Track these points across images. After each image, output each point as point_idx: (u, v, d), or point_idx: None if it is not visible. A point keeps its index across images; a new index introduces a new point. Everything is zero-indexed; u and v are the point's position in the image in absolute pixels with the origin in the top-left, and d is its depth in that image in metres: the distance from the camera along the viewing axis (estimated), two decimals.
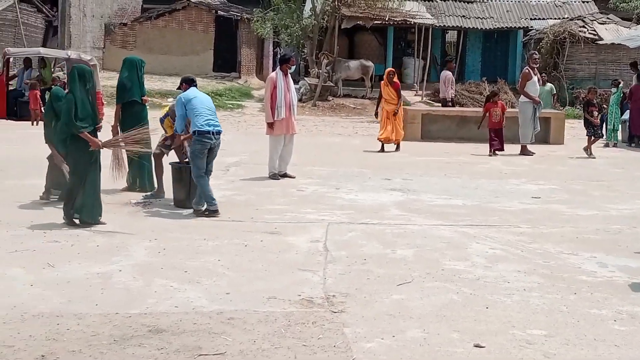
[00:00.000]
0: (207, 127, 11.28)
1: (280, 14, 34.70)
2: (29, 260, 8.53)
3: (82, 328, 6.57)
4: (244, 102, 32.47)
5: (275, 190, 13.20)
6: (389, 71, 19.66)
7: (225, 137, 20.40)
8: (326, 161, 16.76)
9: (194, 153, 11.22)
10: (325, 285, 8.00)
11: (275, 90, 14.26)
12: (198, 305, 7.23)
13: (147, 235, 9.82)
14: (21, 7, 35.50)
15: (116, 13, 42.48)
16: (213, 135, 11.34)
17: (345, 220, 11.10)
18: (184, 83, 11.85)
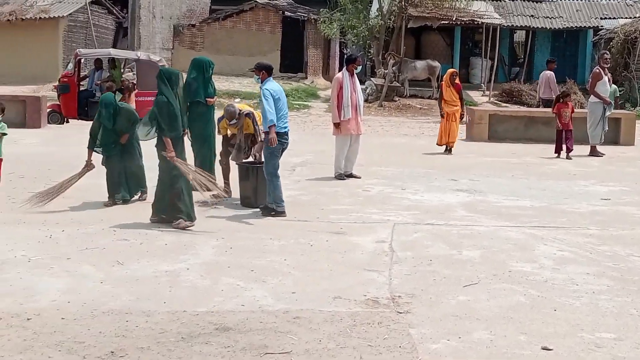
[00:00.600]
0: (285, 128, 11.37)
1: (347, 15, 34.73)
2: (99, 258, 8.67)
3: (150, 325, 6.66)
4: (310, 102, 32.58)
5: (341, 191, 13.22)
6: (451, 72, 19.09)
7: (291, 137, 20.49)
8: (392, 161, 16.73)
9: (272, 152, 11.27)
10: (391, 285, 7.99)
11: (342, 90, 14.27)
12: (264, 304, 7.28)
13: (215, 234, 9.91)
14: (92, 9, 36.12)
15: (185, 14, 42.96)
16: (288, 136, 11.45)
17: (411, 220, 11.07)
18: (263, 70, 11.66)
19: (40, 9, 34.51)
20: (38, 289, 7.52)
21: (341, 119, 14.29)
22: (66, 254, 8.76)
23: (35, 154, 15.77)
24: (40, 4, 34.97)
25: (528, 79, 36.99)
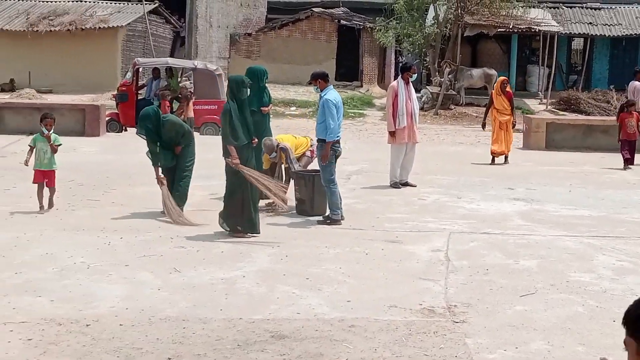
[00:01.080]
0: (339, 135, 11.41)
1: (403, 23, 34.67)
2: (157, 265, 8.76)
3: (207, 332, 6.71)
4: (366, 110, 32.56)
5: (396, 199, 13.19)
6: (502, 80, 18.45)
7: (346, 146, 20.51)
8: (448, 170, 16.65)
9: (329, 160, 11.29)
10: (447, 294, 7.95)
11: (397, 98, 14.25)
12: (319, 312, 7.29)
13: (270, 242, 9.95)
14: (150, 18, 36.53)
15: (241, 23, 43.26)
16: (339, 143, 11.50)
17: (467, 229, 11.01)
18: (319, 79, 11.70)
19: (99, 18, 34.99)
20: (97, 296, 7.63)
21: (396, 127, 14.26)
22: (124, 261, 8.87)
23: (93, 162, 15.98)
24: (99, 14, 35.46)
25: (586, 87, 36.56)
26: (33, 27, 34.52)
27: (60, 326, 6.76)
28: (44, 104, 22.24)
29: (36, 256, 8.97)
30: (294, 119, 28.52)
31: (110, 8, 36.38)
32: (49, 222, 10.70)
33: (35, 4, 36.81)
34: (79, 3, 36.81)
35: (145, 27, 35.96)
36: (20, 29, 34.60)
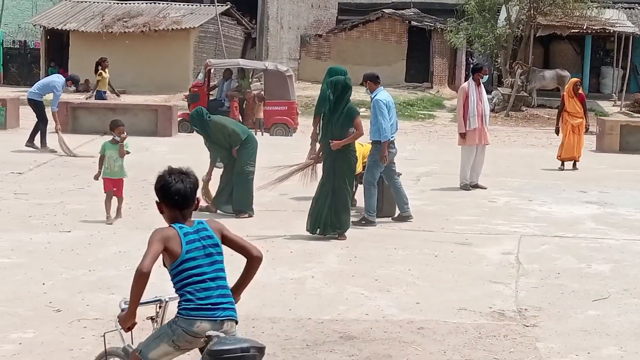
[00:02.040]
0: (393, 137, 11.33)
1: (474, 24, 34.41)
2: (227, 264, 8.79)
3: (276, 332, 6.75)
4: (436, 112, 32.41)
5: (466, 201, 13.10)
6: (574, 82, 17.80)
7: (415, 147, 20.46)
8: (519, 172, 16.47)
9: (376, 161, 11.21)
10: (517, 298, 7.88)
11: (468, 100, 14.16)
12: (388, 314, 7.28)
13: (339, 243, 9.97)
14: (222, 19, 36.85)
15: (312, 25, 43.40)
16: (394, 144, 11.40)
17: (538, 232, 10.88)
18: (368, 80, 11.72)
19: (172, 20, 35.40)
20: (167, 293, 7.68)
21: (467, 128, 14.17)
22: None
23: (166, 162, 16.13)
24: (172, 16, 35.88)
25: None
26: (108, 29, 35.08)
27: None
28: (118, 104, 22.59)
29: (109, 254, 9.12)
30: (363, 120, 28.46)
31: (183, 10, 36.80)
32: (122, 221, 10.87)
33: (110, 5, 37.42)
34: (153, 5, 37.31)
35: (217, 28, 36.28)
36: (95, 31, 35.19)
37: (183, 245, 4.38)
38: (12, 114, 21.59)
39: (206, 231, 4.50)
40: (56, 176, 14.22)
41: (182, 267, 4.45)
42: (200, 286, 4.41)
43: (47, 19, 36.60)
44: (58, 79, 17.59)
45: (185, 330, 4.33)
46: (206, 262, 4.48)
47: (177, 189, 4.42)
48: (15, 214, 11.07)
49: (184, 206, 4.44)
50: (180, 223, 4.43)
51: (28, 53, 39.47)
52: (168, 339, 4.40)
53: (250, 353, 4.19)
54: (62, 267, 8.48)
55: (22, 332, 6.61)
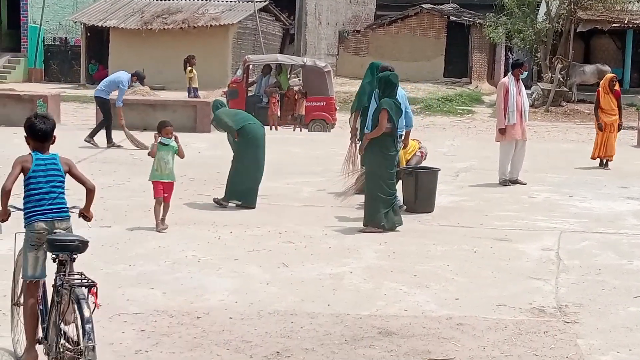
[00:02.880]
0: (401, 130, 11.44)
1: (514, 19, 34.18)
2: (266, 260, 8.87)
3: (314, 327, 6.76)
4: (474, 107, 32.23)
5: (506, 197, 13.02)
6: (610, 77, 16.98)
7: (454, 143, 20.37)
8: (559, 168, 16.34)
9: None
10: (558, 294, 7.82)
11: (507, 95, 14.07)
12: (427, 310, 7.26)
13: (377, 239, 9.95)
14: (261, 16, 36.93)
15: (350, 20, 43.35)
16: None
17: (579, 228, 10.79)
18: None
19: (211, 16, 35.54)
20: (207, 289, 7.77)
21: (506, 124, 14.10)
22: (234, 255, 9.01)
23: (205, 157, 16.27)
24: (211, 12, 36.03)
25: None
26: (147, 25, 35.31)
27: (172, 318, 6.91)
28: (157, 100, 22.72)
29: (149, 249, 9.19)
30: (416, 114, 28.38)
31: (222, 6, 36.92)
32: None
33: (149, 2, 37.65)
34: (192, 1, 37.48)
35: (256, 24, 36.37)
36: (135, 27, 35.44)
37: (33, 166, 5.86)
38: (53, 110, 21.77)
39: (54, 160, 5.98)
40: (96, 172, 14.32)
41: (27, 182, 5.83)
42: (36, 197, 5.78)
43: (88, 16, 36.91)
44: (124, 75, 17.70)
45: (31, 231, 5.76)
46: (44, 181, 5.83)
47: (40, 127, 6.08)
48: None
49: (44, 140, 6.05)
50: (40, 153, 5.97)
51: (69, 50, 39.82)
52: (27, 245, 5.78)
53: (75, 243, 5.62)
54: (102, 262, 8.55)
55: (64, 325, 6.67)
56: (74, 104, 29.25)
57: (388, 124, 10.34)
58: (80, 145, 17.26)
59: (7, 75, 37.89)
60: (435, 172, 11.95)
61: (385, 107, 10.35)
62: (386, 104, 10.39)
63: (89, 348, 5.09)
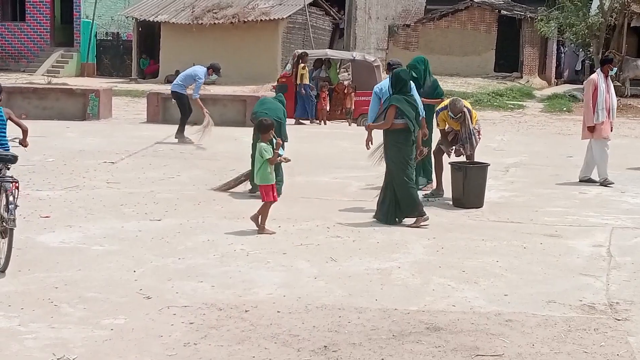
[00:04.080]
0: None
1: (566, 12, 33.81)
2: (314, 254, 8.88)
3: (362, 322, 6.75)
4: (525, 102, 31.96)
5: (556, 193, 12.90)
6: None
7: (504, 138, 20.22)
8: (611, 163, 16.08)
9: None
10: (609, 291, 7.73)
11: (596, 92, 13.65)
12: (475, 306, 7.22)
13: (426, 234, 9.92)
14: (310, 10, 36.99)
15: (400, 15, 43.20)
16: None
17: (631, 225, 10.65)
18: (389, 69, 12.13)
19: (261, 11, 35.68)
20: (255, 282, 7.80)
21: (595, 122, 13.62)
22: (282, 249, 9.03)
23: None
24: (261, 7, 36.16)
25: None
26: (198, 20, 35.55)
27: (220, 311, 6.95)
28: (207, 95, 22.84)
29: (198, 243, 9.25)
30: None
31: (272, 0, 37.04)
32: (211, 210, 11.00)
33: None
34: None
35: (305, 19, 36.43)
36: (186, 22, 35.70)
37: None
38: (105, 105, 22.06)
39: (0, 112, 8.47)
40: (147, 165, 14.47)
41: None
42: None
43: (139, 11, 37.27)
44: (200, 69, 17.69)
45: None
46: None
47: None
48: (107, 202, 11.31)
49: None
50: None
51: (120, 45, 40.28)
52: None
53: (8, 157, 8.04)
54: (152, 255, 8.63)
55: (114, 318, 6.75)
56: (126, 98, 29.56)
57: (400, 120, 10.42)
58: (130, 138, 17.43)
59: (60, 69, 38.40)
60: (484, 167, 11.88)
61: (394, 103, 10.44)
62: (395, 100, 10.49)
63: (11, 219, 7.68)
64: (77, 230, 9.70)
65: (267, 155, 9.88)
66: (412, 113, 10.51)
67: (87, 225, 9.94)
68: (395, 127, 10.45)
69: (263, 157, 9.88)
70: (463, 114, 11.86)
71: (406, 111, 10.43)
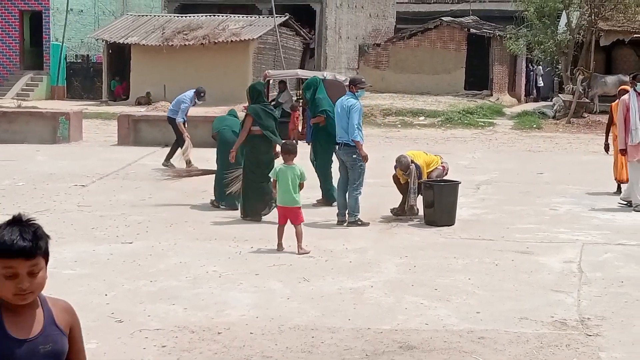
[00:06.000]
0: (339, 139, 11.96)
1: (534, 30, 34.08)
2: (286, 274, 8.87)
3: (335, 342, 6.75)
4: (495, 119, 32.14)
5: (527, 210, 12.97)
6: (622, 90, 14.57)
7: (475, 156, 20.33)
8: (581, 179, 16.27)
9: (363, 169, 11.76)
10: (580, 307, 7.78)
11: (629, 112, 13.01)
12: (448, 323, 7.24)
13: (398, 252, 9.94)
14: (281, 31, 37.05)
15: (370, 34, 43.40)
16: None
17: (601, 240, 10.73)
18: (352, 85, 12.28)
19: (231, 32, 35.69)
20: (228, 304, 7.78)
21: (629, 143, 12.97)
22: (255, 270, 9.02)
23: None
24: (231, 28, 36.17)
25: None
26: (168, 42, 35.50)
27: (193, 334, 6.92)
28: None
29: (170, 265, 9.22)
30: (422, 128, 28.40)
31: (242, 21, 37.07)
32: (183, 232, 10.97)
33: (170, 19, 37.88)
34: (212, 17, 37.66)
35: (276, 39, 36.49)
36: (156, 44, 35.64)
37: None
38: (75, 127, 21.97)
39: None
40: (118, 188, 14.42)
41: None
42: None
43: (109, 33, 37.17)
44: (189, 93, 17.75)
45: None
46: None
47: None
48: (78, 226, 11.25)
49: None
50: None
51: (91, 67, 40.11)
52: None
53: None
54: (124, 278, 8.59)
55: (86, 342, 6.68)
56: (96, 120, 29.43)
57: (254, 127, 11.67)
58: (102, 160, 17.36)
59: (30, 92, 38.18)
60: (455, 185, 11.94)
61: (250, 113, 11.75)
62: (251, 110, 11.78)
63: None
64: None
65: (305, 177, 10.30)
66: (271, 122, 11.85)
67: (58, 249, 9.86)
68: (252, 134, 11.66)
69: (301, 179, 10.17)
70: (410, 170, 11.92)
71: (265, 122, 11.68)
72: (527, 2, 33.93)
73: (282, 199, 10.16)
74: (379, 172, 13.95)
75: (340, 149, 11.80)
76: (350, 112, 11.60)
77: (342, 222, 11.64)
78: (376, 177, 13.90)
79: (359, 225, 11.48)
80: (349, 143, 11.63)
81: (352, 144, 11.61)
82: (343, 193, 11.75)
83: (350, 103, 11.72)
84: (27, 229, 3.04)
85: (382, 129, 27.36)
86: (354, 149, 11.62)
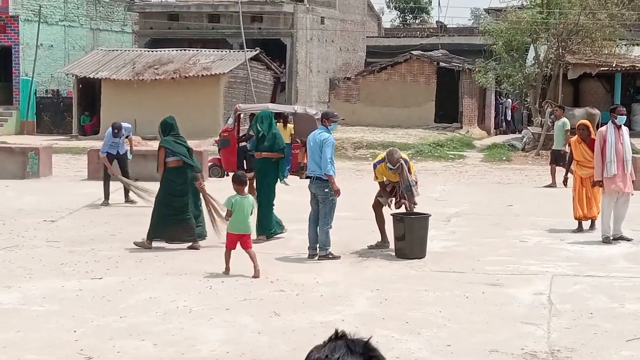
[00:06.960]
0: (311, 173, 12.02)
1: (503, 64, 34.46)
2: (257, 309, 8.85)
3: None
4: (466, 152, 32.36)
5: (498, 242, 13.03)
6: (581, 125, 14.44)
7: (445, 188, 20.42)
8: (550, 211, 16.37)
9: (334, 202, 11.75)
10: (550, 339, 7.81)
11: (605, 145, 12.94)
12: (419, 357, 7.24)
13: (369, 286, 9.94)
14: (252, 65, 37.18)
15: (340, 68, 43.66)
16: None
17: (570, 272, 10.80)
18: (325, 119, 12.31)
19: (202, 66, 35.77)
20: (199, 339, 7.74)
21: (605, 176, 12.94)
22: (225, 304, 8.98)
23: None
24: (202, 62, 36.26)
25: None
26: (139, 76, 35.52)
27: None
28: (149, 150, 22.75)
29: (140, 300, 9.16)
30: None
31: (213, 56, 37.18)
32: (153, 267, 10.92)
33: (140, 53, 37.91)
34: (183, 52, 37.76)
35: (247, 73, 36.60)
36: (127, 78, 35.64)
37: None
38: (45, 163, 21.83)
39: None
40: (88, 223, 14.33)
41: None
42: None
43: (79, 68, 37.13)
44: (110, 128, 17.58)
45: None
46: None
47: None
48: (47, 261, 11.16)
49: None
50: None
51: (61, 102, 39.99)
52: None
53: None
54: (93, 314, 8.53)
55: None
56: (66, 155, 29.30)
57: (172, 157, 12.22)
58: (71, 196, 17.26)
59: None
60: (426, 217, 11.98)
61: (162, 145, 12.28)
62: (164, 142, 12.30)
63: None
64: (16, 290, 9.56)
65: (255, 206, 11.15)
66: (183, 149, 12.38)
67: (27, 285, 9.79)
68: (169, 165, 12.20)
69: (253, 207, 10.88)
70: (401, 165, 11.96)
71: (177, 149, 12.23)
72: (496, 36, 34.34)
73: (237, 227, 10.56)
74: (350, 206, 13.98)
75: (313, 182, 11.81)
76: (323, 146, 11.63)
77: (313, 256, 11.63)
78: (347, 210, 13.92)
79: (330, 259, 11.48)
80: (321, 177, 11.65)
81: (324, 177, 11.62)
82: (314, 226, 11.75)
83: (323, 137, 11.75)
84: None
85: (353, 162, 27.45)
86: (326, 183, 11.64)
